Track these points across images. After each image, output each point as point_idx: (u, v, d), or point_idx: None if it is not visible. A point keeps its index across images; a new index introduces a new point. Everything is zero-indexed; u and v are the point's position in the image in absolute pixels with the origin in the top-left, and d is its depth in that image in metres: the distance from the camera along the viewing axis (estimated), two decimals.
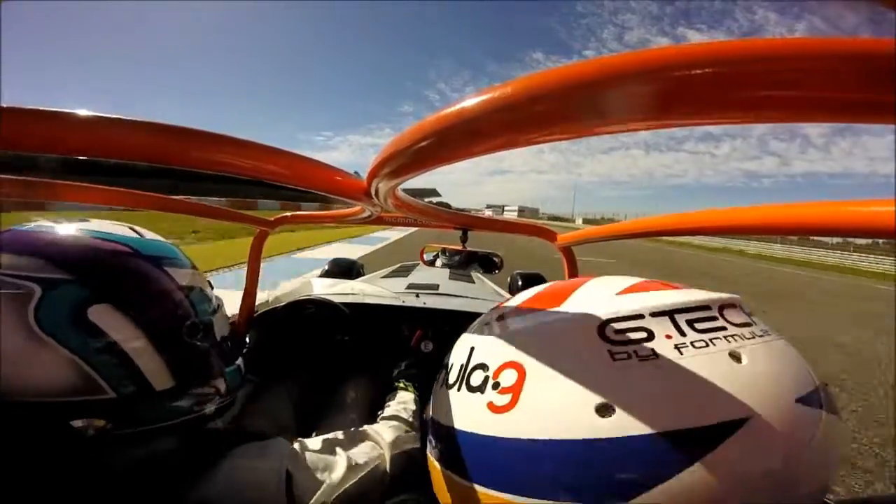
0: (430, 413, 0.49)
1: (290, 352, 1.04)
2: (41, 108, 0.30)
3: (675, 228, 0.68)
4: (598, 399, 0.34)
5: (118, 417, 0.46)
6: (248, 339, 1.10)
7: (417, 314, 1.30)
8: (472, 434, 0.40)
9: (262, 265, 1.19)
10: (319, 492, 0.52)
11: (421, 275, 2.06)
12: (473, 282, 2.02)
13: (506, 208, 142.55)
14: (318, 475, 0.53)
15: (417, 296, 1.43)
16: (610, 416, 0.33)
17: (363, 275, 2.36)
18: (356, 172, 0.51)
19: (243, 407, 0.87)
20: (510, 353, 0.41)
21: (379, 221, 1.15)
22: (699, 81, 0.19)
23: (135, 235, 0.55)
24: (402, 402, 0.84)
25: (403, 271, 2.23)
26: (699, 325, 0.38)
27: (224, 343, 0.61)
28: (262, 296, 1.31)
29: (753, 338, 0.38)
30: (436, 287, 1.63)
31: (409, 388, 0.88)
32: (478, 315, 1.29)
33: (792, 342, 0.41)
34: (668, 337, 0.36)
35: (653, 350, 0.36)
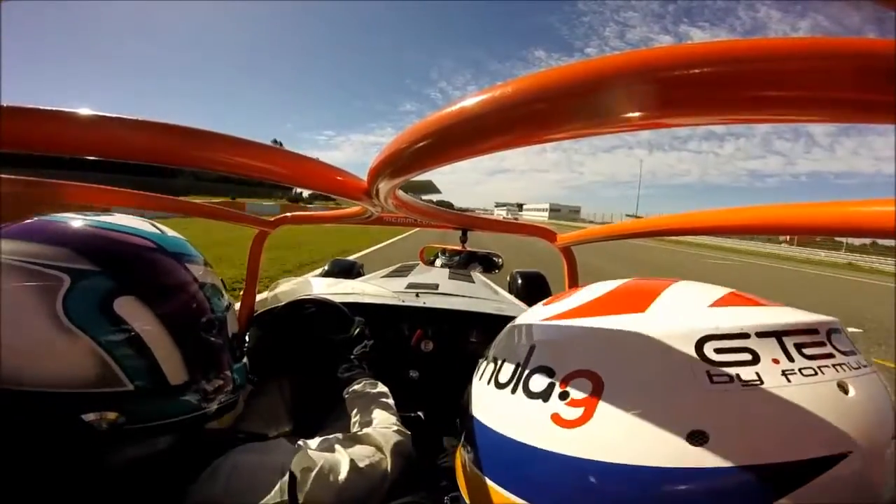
0: (471, 410, 0.44)
1: (290, 352, 1.04)
2: (42, 108, 0.30)
3: (675, 228, 0.68)
4: (691, 425, 0.31)
5: (132, 411, 0.46)
6: (247, 339, 1.10)
7: (417, 314, 1.30)
8: (528, 447, 0.36)
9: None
10: (323, 493, 0.52)
11: (421, 275, 2.06)
12: (473, 281, 2.01)
13: (526, 207, 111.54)
14: (322, 476, 0.53)
15: (417, 295, 1.43)
16: (703, 445, 0.30)
17: (363, 274, 2.36)
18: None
19: (244, 408, 0.87)
20: (584, 360, 0.36)
21: (379, 221, 1.15)
22: (700, 81, 0.19)
23: (157, 231, 0.56)
24: (383, 395, 0.83)
25: (403, 271, 2.23)
26: (807, 351, 0.34)
27: (234, 340, 0.62)
28: (261, 295, 1.31)
29: (859, 368, 0.35)
30: (435, 287, 1.63)
31: (374, 380, 0.87)
32: (478, 315, 1.29)
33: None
34: (776, 362, 0.33)
35: (758, 375, 0.32)
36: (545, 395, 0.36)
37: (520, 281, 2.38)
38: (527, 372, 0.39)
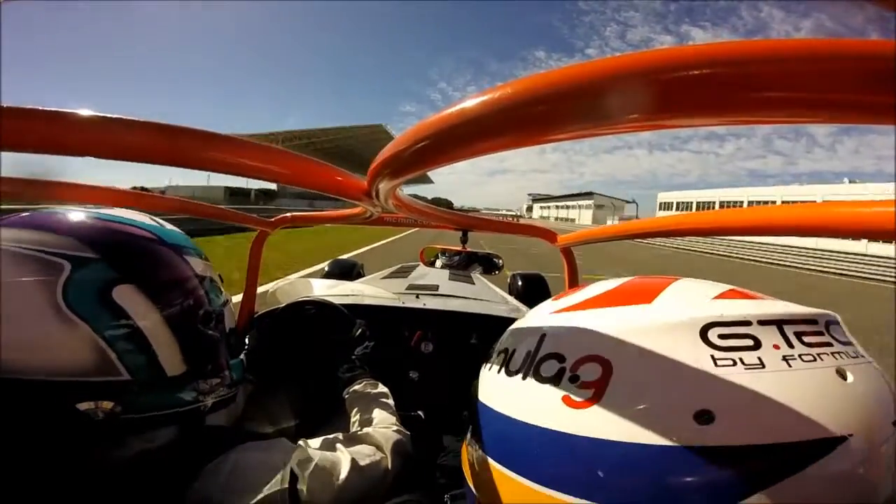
0: (479, 398, 0.45)
1: (290, 352, 1.04)
2: (42, 108, 0.30)
3: (675, 229, 0.68)
4: (697, 405, 0.32)
5: (128, 401, 0.46)
6: (248, 339, 1.10)
7: (417, 315, 1.30)
8: (539, 428, 0.37)
9: None
10: (323, 491, 0.52)
11: (421, 276, 2.06)
12: (473, 283, 2.01)
13: (572, 204, 78.91)
14: (323, 475, 0.53)
15: (417, 297, 1.43)
16: (709, 424, 0.31)
17: (363, 275, 2.36)
18: None
19: (244, 408, 0.87)
20: (594, 347, 0.38)
21: (379, 222, 1.15)
22: (702, 83, 0.19)
23: (156, 224, 0.56)
24: (383, 395, 0.83)
25: (403, 272, 2.23)
26: (807, 339, 0.36)
27: (231, 335, 0.62)
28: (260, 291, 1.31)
29: (857, 357, 0.36)
30: (436, 288, 1.63)
31: (375, 381, 0.88)
32: (478, 316, 1.29)
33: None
34: (776, 347, 0.34)
35: (759, 359, 0.34)
36: (556, 380, 0.38)
37: (520, 282, 2.38)
38: (538, 359, 0.40)
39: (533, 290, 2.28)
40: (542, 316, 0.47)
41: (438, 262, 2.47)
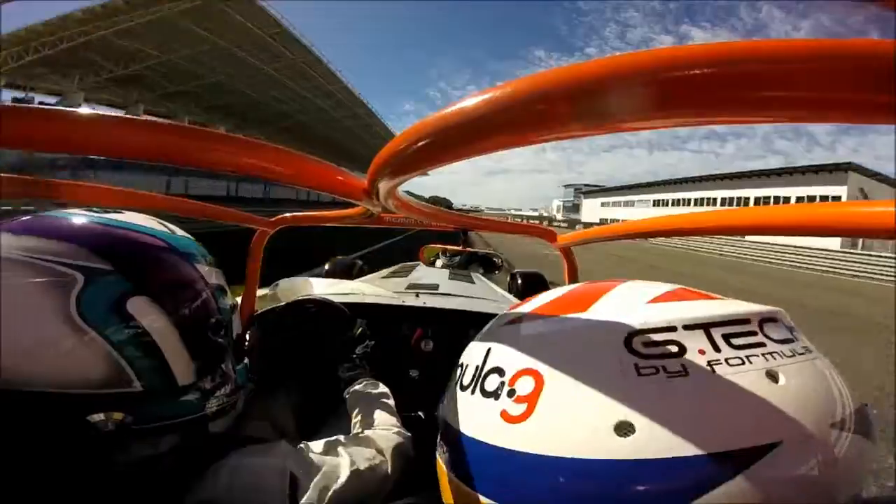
0: (441, 413, 0.46)
1: (290, 352, 1.04)
2: (43, 108, 0.30)
3: (675, 229, 0.68)
4: (617, 416, 0.31)
5: (139, 412, 0.46)
6: (247, 339, 1.10)
7: (417, 314, 1.30)
8: (483, 443, 0.37)
9: None
10: (323, 494, 0.52)
11: (421, 275, 2.06)
12: (473, 282, 2.02)
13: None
14: (323, 478, 0.53)
15: (417, 295, 1.43)
16: (629, 437, 0.30)
17: (364, 274, 2.35)
18: None
19: (244, 408, 0.87)
20: (528, 360, 0.38)
21: (379, 222, 1.15)
22: (700, 82, 0.19)
23: (167, 230, 0.56)
24: (383, 395, 0.83)
25: (404, 271, 2.23)
26: (736, 341, 0.35)
27: (237, 341, 0.62)
28: (261, 292, 1.31)
29: (794, 356, 0.35)
30: (436, 287, 1.63)
31: (376, 381, 0.88)
32: (478, 314, 1.29)
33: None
34: (702, 352, 0.33)
35: (683, 366, 0.33)
36: (496, 394, 0.38)
37: (520, 281, 2.38)
38: (483, 373, 0.41)
39: (533, 289, 2.28)
40: (494, 328, 0.47)
41: (438, 262, 2.47)
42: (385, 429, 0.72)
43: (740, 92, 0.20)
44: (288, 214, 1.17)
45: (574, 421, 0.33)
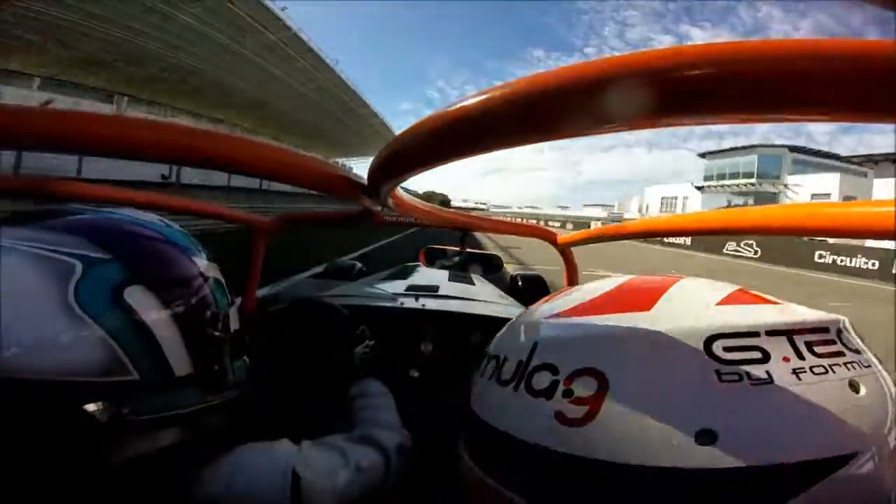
0: (472, 406, 0.44)
1: (291, 352, 1.04)
2: (44, 109, 0.30)
3: (675, 229, 0.68)
4: (699, 424, 0.30)
5: (135, 402, 0.46)
6: (248, 339, 1.10)
7: (417, 316, 1.30)
8: (530, 444, 0.35)
9: None
10: (324, 493, 0.52)
11: (420, 276, 2.06)
12: (473, 283, 2.01)
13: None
14: (325, 477, 0.53)
15: (417, 298, 1.43)
16: (712, 445, 0.29)
17: (364, 275, 2.36)
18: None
19: (245, 407, 0.87)
20: (588, 359, 0.35)
21: (379, 221, 1.15)
22: (701, 82, 0.19)
23: (162, 224, 0.57)
24: (384, 396, 0.83)
25: (403, 273, 2.23)
26: (818, 349, 0.34)
27: (235, 337, 0.62)
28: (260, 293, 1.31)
29: (870, 366, 0.35)
30: (435, 289, 1.62)
31: (376, 381, 0.88)
32: (477, 317, 1.29)
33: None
34: (786, 360, 0.32)
35: (768, 373, 0.32)
36: (548, 393, 0.35)
37: (519, 283, 2.38)
38: (529, 369, 0.38)
39: (532, 291, 2.28)
40: (536, 321, 0.45)
41: (438, 263, 2.47)
42: (386, 428, 0.72)
43: (741, 92, 0.20)
44: (288, 214, 1.18)
45: (648, 428, 0.31)
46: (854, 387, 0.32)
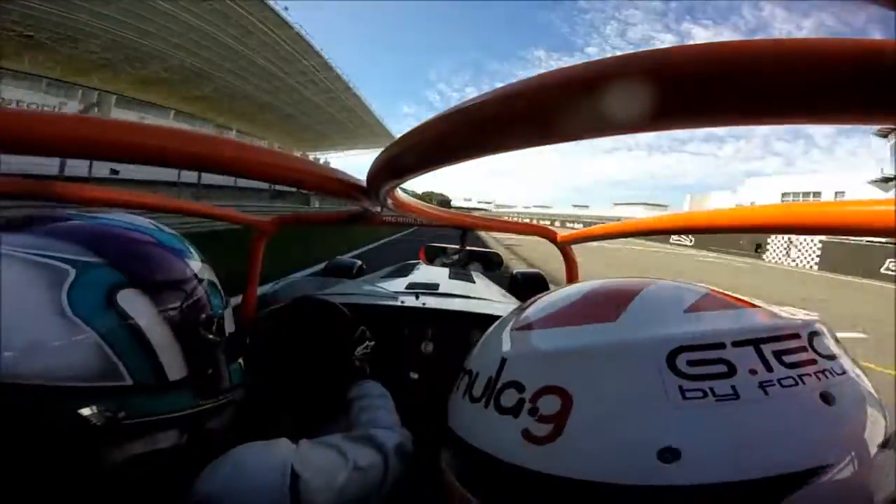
0: (451, 423, 0.44)
1: (290, 352, 1.04)
2: (45, 111, 0.30)
3: (675, 228, 0.68)
4: (662, 442, 0.30)
5: (129, 406, 0.46)
6: (248, 339, 1.10)
7: (417, 314, 1.30)
8: (500, 461, 0.35)
9: None
10: (323, 492, 0.52)
11: (421, 274, 2.05)
12: (474, 281, 2.01)
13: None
14: (323, 475, 0.53)
15: (417, 296, 1.42)
16: (674, 463, 0.29)
17: (364, 273, 2.35)
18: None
19: (244, 408, 0.87)
20: (552, 376, 0.35)
21: (379, 222, 1.15)
22: (705, 82, 0.19)
23: (154, 227, 0.57)
24: (383, 396, 0.83)
25: (403, 271, 2.23)
26: (787, 358, 0.33)
27: (230, 339, 0.62)
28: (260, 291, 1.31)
29: (843, 374, 0.34)
30: (436, 287, 1.62)
31: (376, 382, 0.88)
32: (478, 315, 1.29)
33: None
34: (753, 372, 0.31)
35: (733, 388, 0.31)
36: (515, 411, 0.35)
37: (520, 281, 2.38)
38: (498, 386, 0.38)
39: (533, 289, 2.28)
40: (505, 333, 0.44)
41: (438, 261, 2.47)
42: (385, 429, 0.72)
43: (743, 92, 0.19)
44: (288, 214, 1.17)
45: (610, 446, 0.31)
46: (825, 398, 0.31)
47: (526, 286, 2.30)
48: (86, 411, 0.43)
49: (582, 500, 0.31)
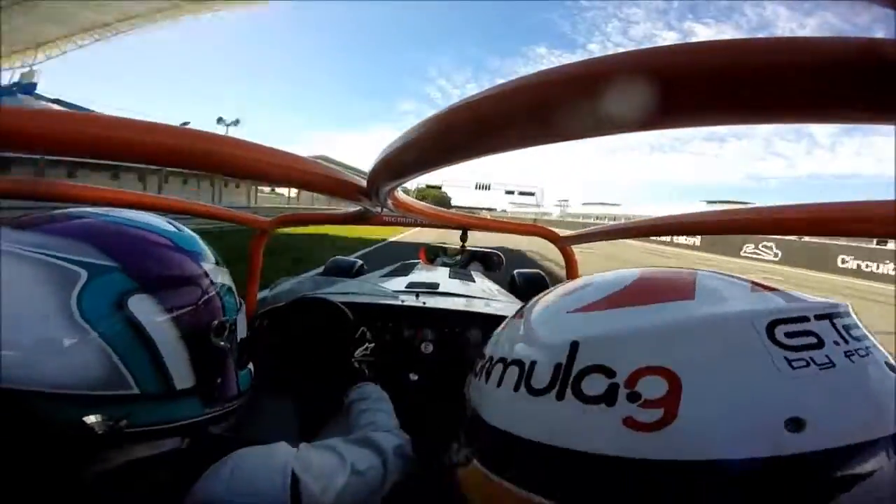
0: (490, 422, 0.40)
1: (289, 352, 1.04)
2: (46, 111, 0.30)
3: (675, 228, 0.68)
4: (786, 413, 0.30)
5: (134, 415, 0.45)
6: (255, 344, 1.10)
7: (417, 314, 1.30)
8: (594, 455, 0.33)
9: None
10: (323, 495, 0.52)
11: (421, 274, 2.05)
12: (474, 281, 2.01)
13: None
14: (323, 478, 0.53)
15: (417, 296, 1.42)
16: (801, 431, 0.30)
17: (364, 273, 2.35)
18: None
19: (244, 410, 0.87)
20: (649, 356, 0.33)
21: (379, 222, 1.15)
22: (707, 81, 0.19)
23: (173, 229, 0.55)
24: (383, 399, 0.83)
25: (403, 270, 2.23)
26: (854, 332, 0.35)
27: (242, 345, 0.60)
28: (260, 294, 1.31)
29: (879, 348, 0.36)
30: (436, 286, 1.62)
31: (375, 384, 0.88)
32: (478, 315, 1.29)
33: None
34: (837, 343, 0.33)
35: (828, 357, 0.32)
36: (608, 399, 0.33)
37: (520, 281, 2.38)
38: (575, 373, 0.35)
39: (533, 289, 2.28)
40: (559, 317, 0.40)
41: (438, 260, 2.47)
42: (384, 431, 0.72)
43: (745, 91, 0.19)
44: (288, 214, 1.17)
45: (733, 422, 0.31)
46: (891, 367, 0.34)
47: (525, 286, 2.30)
48: (89, 419, 0.42)
49: (704, 480, 0.31)
